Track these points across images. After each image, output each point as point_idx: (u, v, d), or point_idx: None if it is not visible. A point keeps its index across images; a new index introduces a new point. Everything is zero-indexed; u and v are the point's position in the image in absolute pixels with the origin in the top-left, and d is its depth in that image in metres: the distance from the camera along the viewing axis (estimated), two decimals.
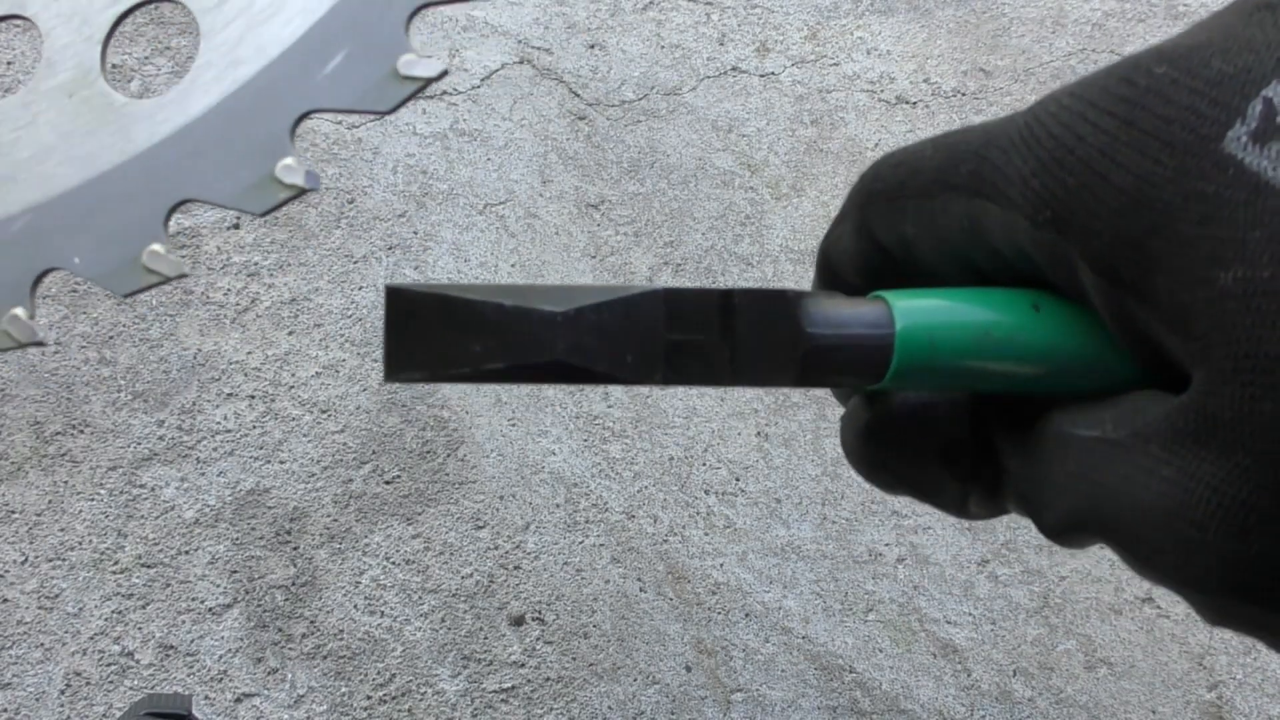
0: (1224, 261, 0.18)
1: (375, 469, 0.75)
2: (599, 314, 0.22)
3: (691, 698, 0.68)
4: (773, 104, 0.96)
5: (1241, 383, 0.18)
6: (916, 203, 0.22)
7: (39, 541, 0.71)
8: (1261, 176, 0.18)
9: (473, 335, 0.22)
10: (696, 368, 0.22)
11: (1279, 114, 0.18)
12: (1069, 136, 0.20)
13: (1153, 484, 0.19)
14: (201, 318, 0.80)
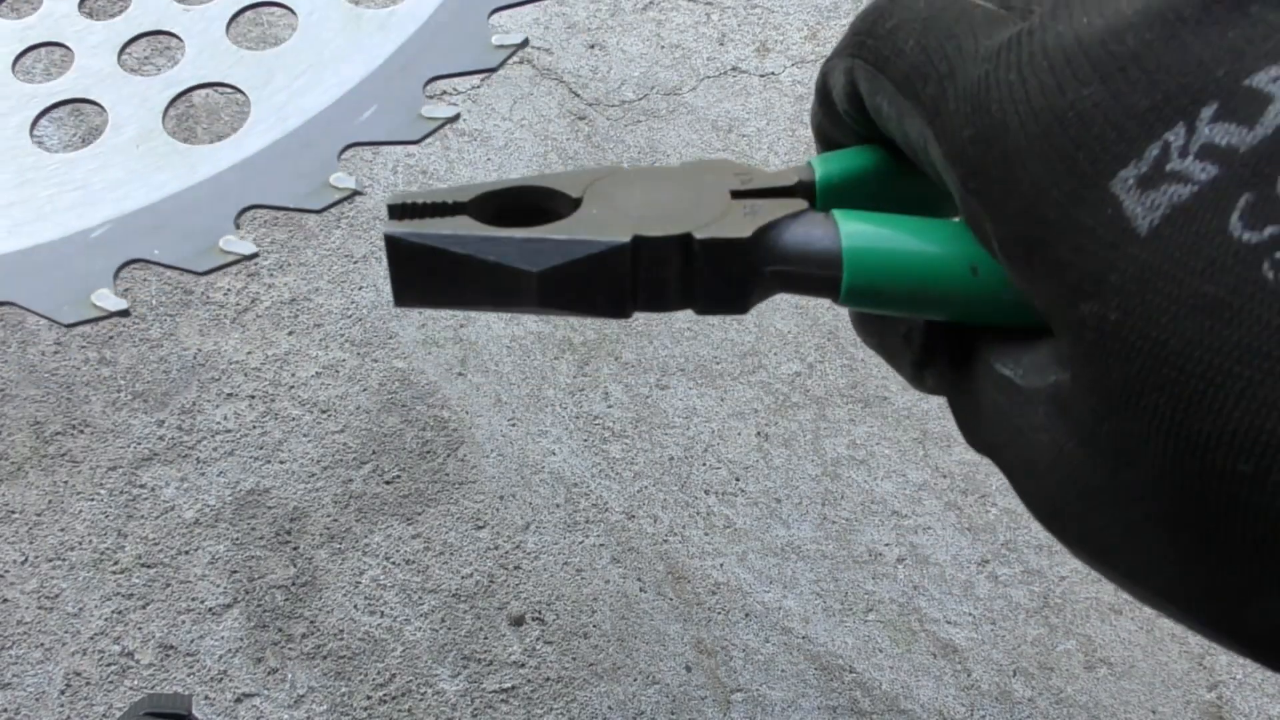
0: (1084, 294, 0.19)
1: (375, 469, 0.75)
2: (571, 269, 0.25)
3: (691, 698, 0.68)
4: (773, 104, 0.96)
5: (1090, 406, 0.19)
6: (890, 91, 0.23)
7: (39, 541, 0.71)
8: (1132, 223, 0.18)
9: (461, 282, 0.25)
10: (657, 298, 0.25)
11: (1170, 162, 0.18)
12: (1008, 116, 0.20)
13: (1035, 440, 0.21)
14: (201, 318, 0.80)
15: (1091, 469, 0.19)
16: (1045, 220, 0.20)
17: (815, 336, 0.83)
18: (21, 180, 0.38)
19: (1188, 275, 0.17)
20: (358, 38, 0.40)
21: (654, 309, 0.26)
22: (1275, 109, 0.17)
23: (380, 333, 0.80)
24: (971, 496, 0.76)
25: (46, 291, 0.37)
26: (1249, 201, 0.17)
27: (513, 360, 0.80)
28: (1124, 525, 0.19)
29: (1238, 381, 0.17)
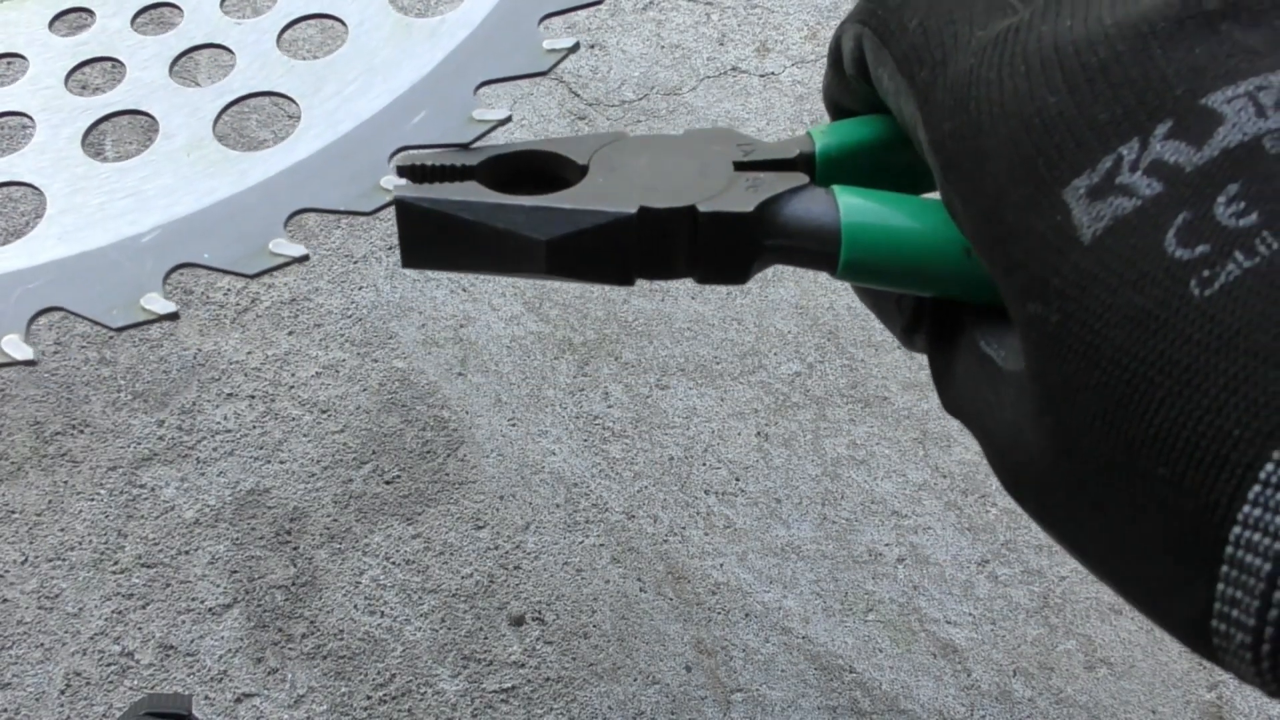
0: (1031, 294, 0.20)
1: (375, 469, 0.75)
2: (579, 238, 0.25)
3: (691, 698, 0.68)
4: (773, 104, 0.96)
5: (1036, 396, 0.20)
6: (891, 66, 0.24)
7: (39, 541, 0.71)
8: (1077, 231, 0.19)
9: (470, 247, 0.25)
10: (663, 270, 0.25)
11: (1120, 175, 0.19)
12: (983, 116, 0.21)
13: (1001, 416, 0.22)
14: (201, 318, 0.80)
15: (1040, 452, 0.20)
16: (1004, 221, 0.20)
17: (815, 336, 0.83)
18: (73, 189, 0.39)
19: (1122, 285, 0.18)
20: (408, 46, 0.41)
21: (657, 277, 0.26)
22: (1224, 131, 0.18)
23: (380, 333, 0.80)
24: (971, 496, 0.76)
25: (95, 296, 0.37)
26: (1185, 220, 0.18)
27: (513, 360, 0.80)
28: (1068, 505, 0.20)
29: (1159, 390, 0.18)
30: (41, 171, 0.37)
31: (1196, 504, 0.17)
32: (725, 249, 0.26)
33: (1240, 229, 0.17)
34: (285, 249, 0.37)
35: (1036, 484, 0.21)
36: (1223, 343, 0.17)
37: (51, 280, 0.35)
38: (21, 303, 0.36)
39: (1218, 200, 0.18)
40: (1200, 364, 0.17)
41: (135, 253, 0.36)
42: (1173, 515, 0.18)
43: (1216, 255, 0.17)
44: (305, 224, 0.83)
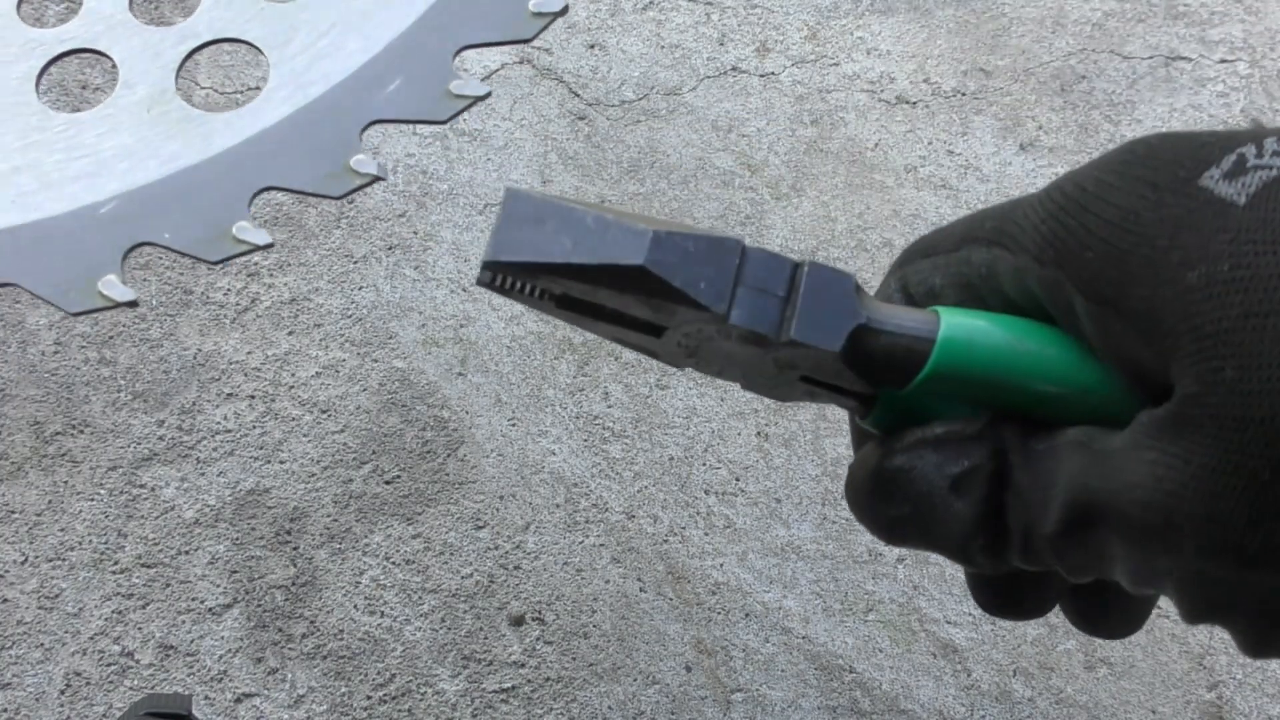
0: (1190, 263, 0.21)
1: (375, 469, 0.75)
2: (685, 241, 0.24)
3: (691, 698, 0.68)
4: (773, 104, 0.96)
5: (1204, 358, 0.20)
6: (945, 256, 0.26)
7: (39, 541, 0.71)
8: (1228, 200, 0.21)
9: (570, 234, 0.24)
10: (756, 310, 0.24)
11: (1249, 161, 0.21)
12: (1075, 190, 0.23)
13: (1140, 468, 0.21)
14: (201, 318, 0.80)
15: (1215, 448, 0.20)
16: (1134, 230, 0.22)
17: None
18: (26, 141, 0.36)
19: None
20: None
21: (748, 315, 0.24)
22: None
23: (380, 333, 0.80)
24: None
25: (52, 273, 0.35)
26: None
27: (513, 360, 0.80)
28: None
29: None
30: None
31: None
32: (823, 304, 0.25)
33: None
34: (249, 235, 0.35)
35: (1195, 512, 0.20)
36: None
37: (6, 251, 0.33)
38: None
39: None
40: None
41: (94, 225, 0.34)
42: None
43: None
44: (305, 224, 0.83)
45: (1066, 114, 0.98)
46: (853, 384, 0.25)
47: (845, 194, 0.91)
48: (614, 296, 0.24)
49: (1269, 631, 0.22)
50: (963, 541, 0.25)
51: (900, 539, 0.26)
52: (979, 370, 0.24)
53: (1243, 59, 1.03)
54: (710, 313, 0.24)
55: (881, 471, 0.25)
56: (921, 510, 0.25)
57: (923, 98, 0.98)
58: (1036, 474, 0.23)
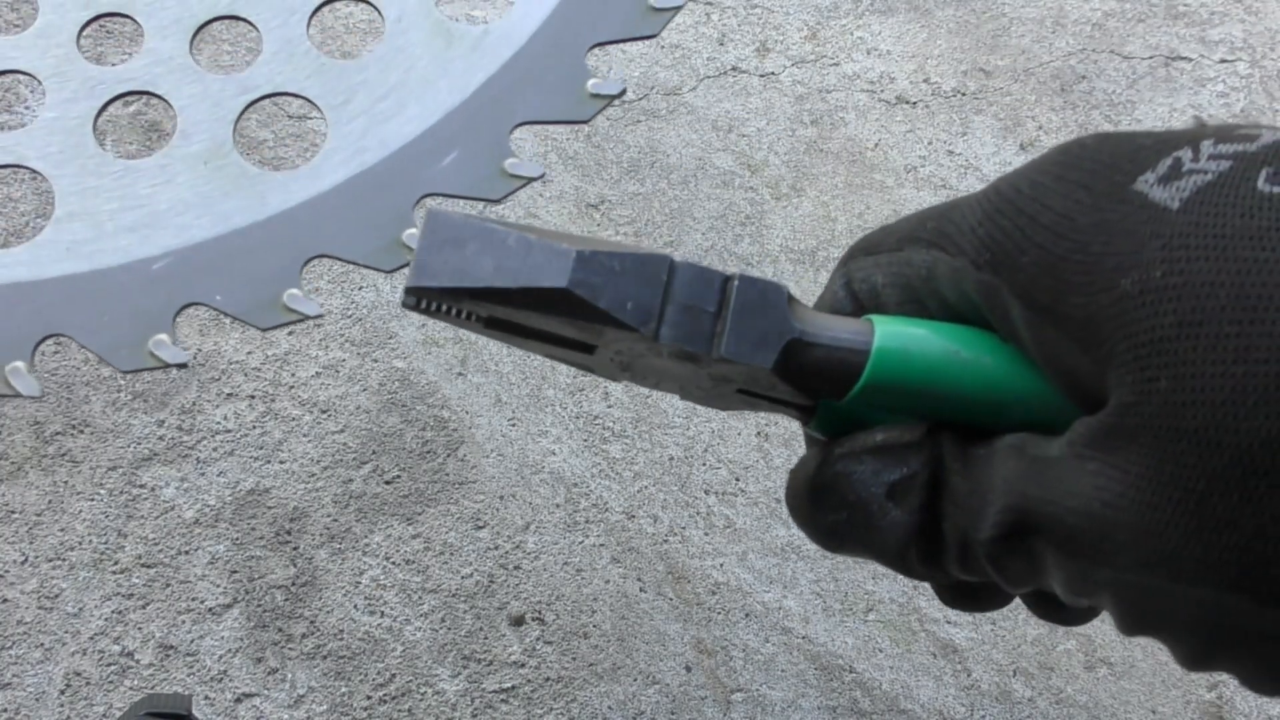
0: (1124, 270, 0.21)
1: (375, 469, 0.75)
2: (610, 260, 0.23)
3: (691, 698, 0.68)
4: (773, 104, 0.96)
5: (1139, 367, 0.20)
6: (888, 255, 0.25)
7: (39, 541, 0.71)
8: (1160, 205, 0.21)
9: (493, 256, 0.23)
10: (686, 328, 0.23)
11: (1184, 165, 0.21)
12: (1011, 191, 0.23)
13: (1077, 479, 0.21)
14: (201, 317, 0.80)
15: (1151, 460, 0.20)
16: (1069, 235, 0.22)
17: None
18: (83, 186, 0.36)
19: (1225, 224, 0.20)
20: (447, 58, 0.37)
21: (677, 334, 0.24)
22: (1266, 136, 0.21)
23: (380, 333, 0.80)
24: None
25: (103, 328, 0.35)
26: (1271, 171, 0.20)
27: (513, 360, 0.80)
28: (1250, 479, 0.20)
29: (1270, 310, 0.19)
30: (49, 158, 0.34)
31: None
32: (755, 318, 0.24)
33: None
34: (299, 304, 0.35)
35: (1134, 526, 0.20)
36: None
37: (60, 300, 0.33)
38: (28, 323, 0.34)
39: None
40: None
41: (146, 281, 0.34)
42: None
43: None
44: None
45: (1066, 114, 0.98)
46: (790, 396, 0.25)
47: (845, 194, 0.91)
48: (539, 318, 0.24)
49: (1205, 645, 0.22)
50: (899, 549, 0.25)
51: (838, 545, 0.26)
52: (915, 380, 0.23)
53: (1243, 59, 1.03)
54: (638, 333, 0.23)
55: (818, 478, 0.25)
56: (858, 517, 0.24)
57: (923, 98, 0.98)
58: (973, 481, 0.23)
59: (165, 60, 0.38)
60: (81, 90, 0.38)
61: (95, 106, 0.38)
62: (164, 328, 0.34)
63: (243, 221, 0.35)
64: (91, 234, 0.35)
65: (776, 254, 0.87)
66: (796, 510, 0.26)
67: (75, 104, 0.38)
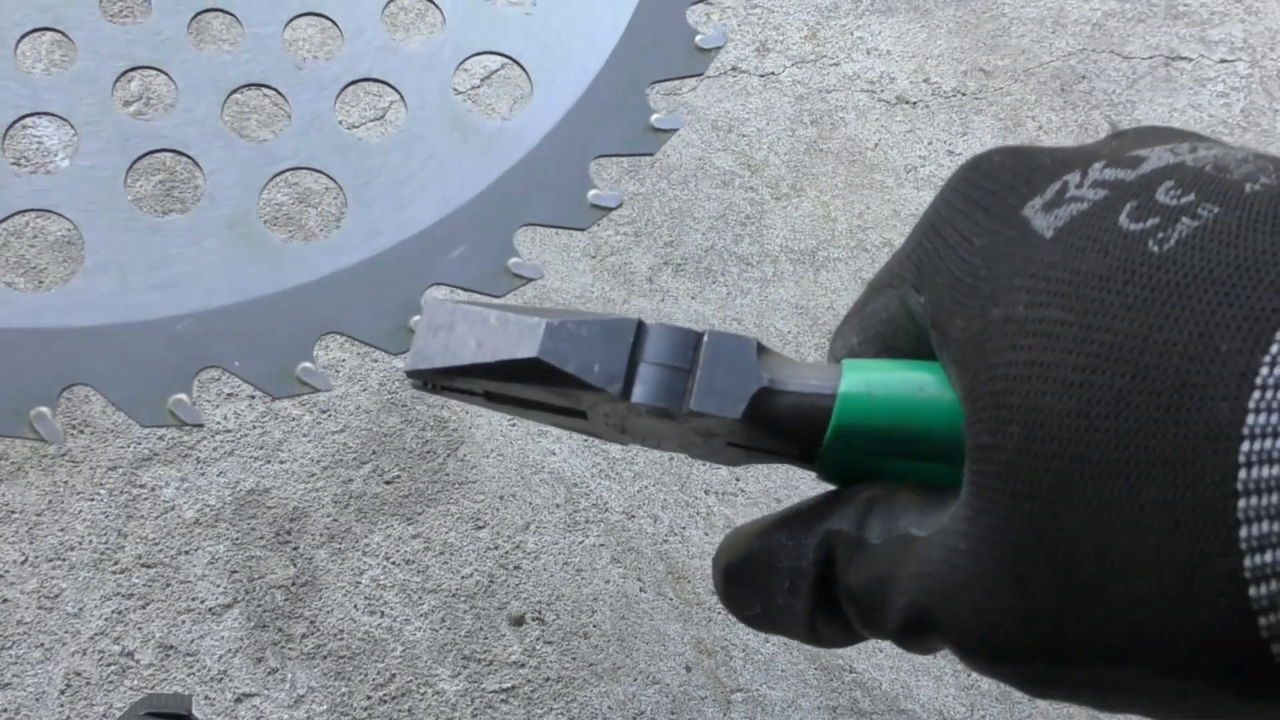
0: (996, 299, 0.20)
1: (375, 469, 0.75)
2: (578, 327, 0.25)
3: (691, 698, 0.68)
4: (773, 104, 0.96)
5: (995, 404, 0.19)
6: (859, 313, 0.26)
7: (39, 541, 0.71)
8: (1040, 234, 0.20)
9: (476, 335, 0.25)
10: (658, 387, 0.24)
11: (1069, 192, 0.21)
12: (933, 212, 0.23)
13: (958, 568, 0.20)
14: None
15: (1002, 527, 0.19)
16: (965, 258, 0.21)
17: (815, 336, 0.83)
18: (112, 239, 0.37)
19: (1085, 257, 0.19)
20: (463, 151, 0.40)
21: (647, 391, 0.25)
22: (1151, 160, 0.20)
23: None
24: None
25: (126, 383, 0.36)
26: (1134, 206, 0.20)
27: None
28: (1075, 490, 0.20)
29: (1135, 333, 0.18)
30: (80, 207, 0.35)
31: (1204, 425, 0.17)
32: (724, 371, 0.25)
33: (1182, 204, 0.19)
34: (312, 378, 0.37)
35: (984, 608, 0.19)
36: (1187, 280, 0.18)
37: (86, 351, 0.34)
38: (54, 370, 0.35)
39: (1158, 190, 0.20)
40: (1169, 305, 0.18)
41: (170, 341, 0.35)
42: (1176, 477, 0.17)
43: (1166, 222, 0.19)
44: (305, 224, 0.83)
45: (1066, 114, 0.98)
46: (773, 445, 0.25)
47: (845, 194, 0.91)
48: (523, 388, 0.26)
49: (1115, 705, 0.20)
50: (809, 635, 0.25)
51: (762, 631, 0.26)
52: (882, 421, 0.23)
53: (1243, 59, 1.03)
54: (606, 393, 0.24)
55: (728, 574, 0.26)
56: (769, 611, 0.25)
57: (923, 98, 0.98)
58: (868, 578, 0.23)
59: (199, 122, 0.39)
60: (115, 142, 0.39)
61: (128, 160, 0.39)
62: (184, 387, 0.35)
63: (262, 291, 0.37)
64: (119, 288, 0.36)
65: (776, 254, 0.87)
66: (722, 601, 0.27)
67: (108, 155, 0.39)
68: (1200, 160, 0.20)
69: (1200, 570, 0.17)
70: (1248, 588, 0.16)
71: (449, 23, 0.41)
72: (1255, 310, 0.17)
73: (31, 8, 0.39)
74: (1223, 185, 0.19)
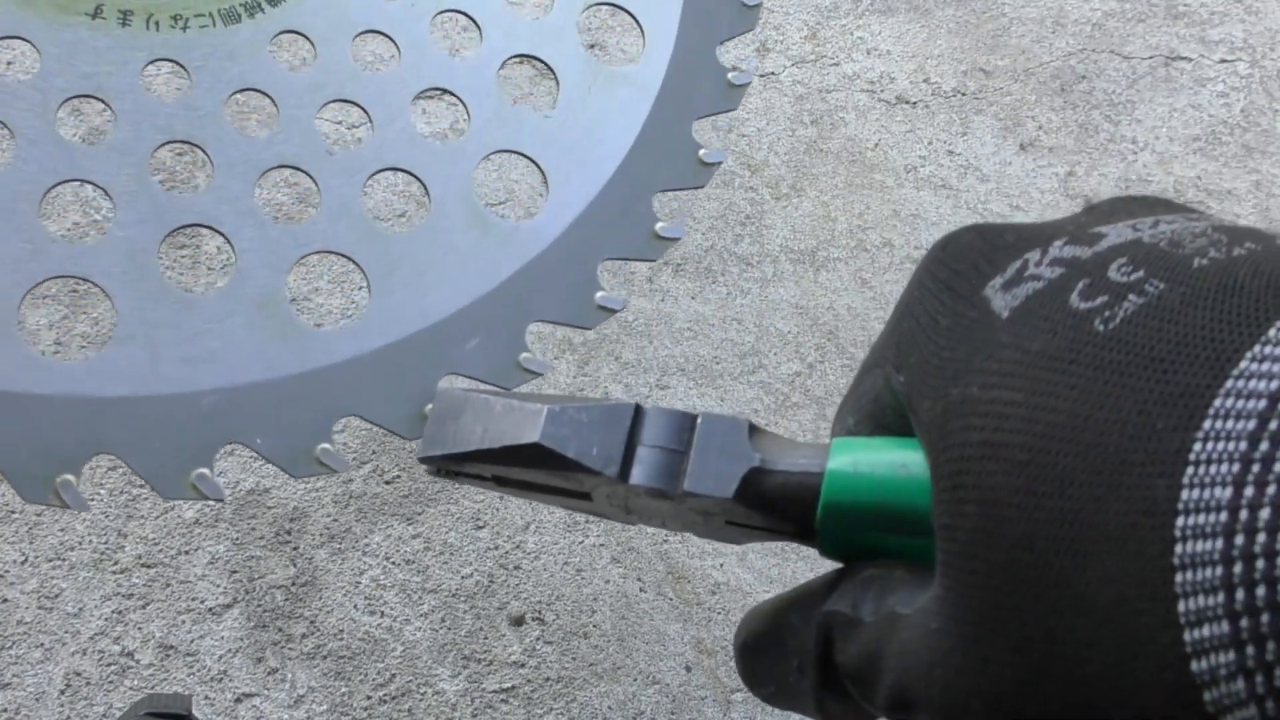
0: (956, 379, 0.21)
1: (375, 469, 0.75)
2: (578, 413, 0.26)
3: (691, 698, 0.68)
4: (773, 104, 0.96)
5: (953, 485, 0.20)
6: (853, 394, 0.26)
7: (39, 541, 0.71)
8: (997, 314, 0.21)
9: (482, 422, 0.27)
10: (654, 469, 0.25)
11: (1028, 270, 0.21)
12: (908, 290, 0.24)
13: (930, 646, 0.20)
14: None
15: (961, 607, 0.20)
16: (931, 339, 0.22)
17: (815, 336, 0.83)
18: (143, 312, 0.38)
19: (1036, 338, 0.20)
20: (482, 245, 0.41)
21: (644, 472, 0.26)
22: (1110, 237, 0.21)
23: None
24: None
25: (150, 455, 0.37)
26: (1085, 284, 0.20)
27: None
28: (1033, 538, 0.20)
29: (1079, 414, 0.19)
30: (113, 277, 0.36)
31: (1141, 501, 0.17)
32: (716, 453, 0.26)
33: (1131, 281, 0.19)
34: (330, 459, 0.39)
35: (950, 689, 0.20)
36: (1129, 359, 0.18)
37: (113, 420, 0.35)
38: (82, 439, 0.36)
39: (1110, 268, 0.20)
40: (1111, 383, 0.18)
41: (195, 415, 0.36)
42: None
43: (1114, 300, 0.19)
44: None
45: (1066, 114, 0.98)
46: (768, 524, 0.26)
47: (845, 194, 0.91)
48: (528, 472, 0.27)
49: None
50: (821, 712, 0.25)
51: (780, 708, 0.27)
52: (868, 498, 0.24)
53: (1243, 59, 1.03)
54: (604, 476, 0.25)
55: (743, 653, 0.27)
56: (782, 689, 0.26)
57: (923, 98, 0.98)
58: (858, 656, 0.23)
59: (231, 200, 0.40)
60: (150, 213, 0.39)
61: (162, 233, 0.40)
62: (206, 462, 0.36)
63: (286, 371, 0.38)
64: (148, 360, 0.37)
65: (776, 254, 0.87)
66: (739, 675, 0.28)
67: (143, 227, 0.39)
68: (1158, 235, 0.20)
69: (1144, 646, 0.17)
70: (1189, 662, 0.16)
71: (473, 121, 0.44)
72: (1190, 387, 0.17)
73: (74, 75, 0.40)
74: (1171, 261, 0.19)
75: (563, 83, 0.48)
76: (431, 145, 0.46)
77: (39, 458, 0.35)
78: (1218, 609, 0.16)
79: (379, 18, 0.46)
